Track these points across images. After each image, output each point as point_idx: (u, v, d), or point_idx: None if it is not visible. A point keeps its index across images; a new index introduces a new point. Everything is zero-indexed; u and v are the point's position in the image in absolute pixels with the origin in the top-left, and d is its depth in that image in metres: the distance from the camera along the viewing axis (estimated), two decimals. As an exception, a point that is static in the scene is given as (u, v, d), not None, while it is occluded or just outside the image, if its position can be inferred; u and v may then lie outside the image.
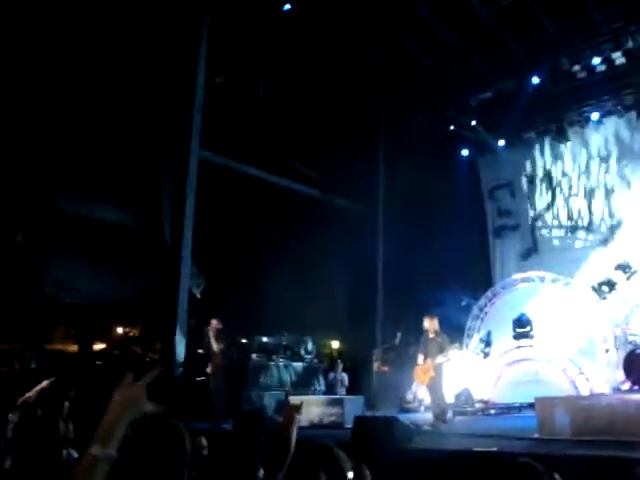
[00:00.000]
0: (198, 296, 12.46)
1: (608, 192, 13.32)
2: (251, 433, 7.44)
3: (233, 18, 11.84)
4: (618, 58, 12.29)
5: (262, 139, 13.12)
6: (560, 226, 13.82)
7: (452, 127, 14.30)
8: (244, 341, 12.88)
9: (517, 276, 13.44)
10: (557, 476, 3.30)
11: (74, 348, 16.39)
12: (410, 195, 14.42)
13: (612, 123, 13.35)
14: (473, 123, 14.04)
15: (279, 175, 13.69)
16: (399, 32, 12.25)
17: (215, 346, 9.99)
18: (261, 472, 3.05)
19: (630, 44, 11.93)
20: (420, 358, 9.67)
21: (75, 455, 3.55)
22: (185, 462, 2.21)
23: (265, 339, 12.54)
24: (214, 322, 10.10)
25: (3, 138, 10.90)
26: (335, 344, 15.70)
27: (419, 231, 14.12)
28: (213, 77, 12.05)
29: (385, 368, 12.72)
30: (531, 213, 14.22)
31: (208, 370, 9.95)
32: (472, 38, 12.31)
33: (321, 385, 12.90)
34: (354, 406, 10.28)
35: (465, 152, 14.71)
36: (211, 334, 10.03)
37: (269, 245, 13.67)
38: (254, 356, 12.03)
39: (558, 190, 13.96)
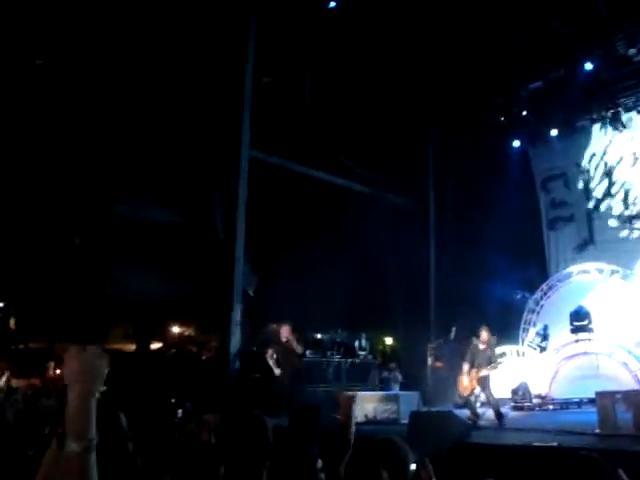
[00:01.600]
0: (251, 294, 12.63)
1: (668, 180, 12.91)
2: (307, 428, 7.52)
3: (278, 17, 11.94)
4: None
5: (311, 137, 13.20)
6: (617, 216, 13.43)
7: (502, 118, 14.07)
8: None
9: (573, 268, 13.16)
10: (621, 471, 3.23)
11: (132, 347, 16.87)
12: (461, 189, 14.29)
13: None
14: (524, 113, 13.79)
15: (329, 172, 13.75)
16: (447, 22, 12.12)
17: (298, 348, 10.49)
18: (319, 463, 3.09)
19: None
20: (466, 367, 9.66)
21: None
22: (267, 451, 2.31)
23: (319, 335, 12.64)
24: (285, 328, 10.44)
25: (67, 144, 11.31)
26: (389, 340, 15.68)
27: (471, 225, 13.96)
28: (261, 77, 12.19)
29: (440, 363, 12.65)
30: (586, 203, 13.87)
31: (277, 371, 10.21)
32: (521, 26, 12.07)
33: (375, 381, 12.91)
34: (409, 402, 10.28)
35: (517, 143, 14.46)
36: (290, 338, 10.32)
37: (321, 242, 13.75)
38: (308, 353, 12.13)
39: (614, 179, 13.57)
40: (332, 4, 11.88)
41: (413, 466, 3.43)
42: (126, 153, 11.99)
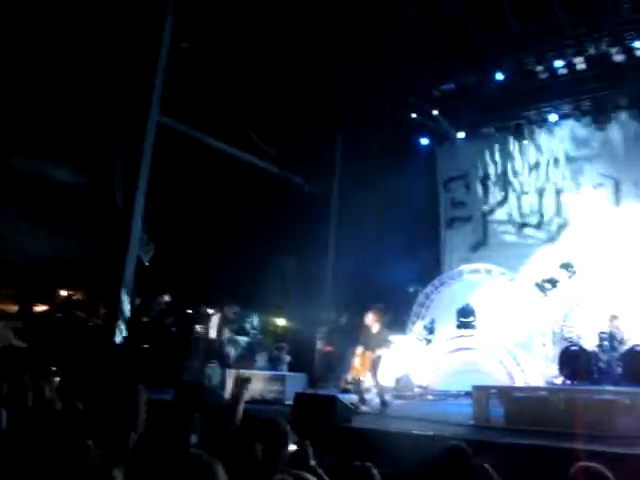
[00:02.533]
0: (146, 263, 12.29)
1: (558, 192, 13.66)
2: (189, 403, 7.44)
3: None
4: (579, 63, 12.59)
5: (223, 110, 12.94)
6: (510, 222, 14.12)
7: (414, 115, 14.37)
8: (189, 312, 12.80)
9: (465, 267, 13.72)
10: (488, 466, 3.42)
11: (14, 309, 15.98)
12: (366, 179, 14.49)
13: (568, 126, 13.68)
14: (435, 113, 14.15)
15: (238, 147, 13.55)
16: (369, 15, 12.19)
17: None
18: (193, 438, 3.05)
19: (592, 51, 12.22)
20: (359, 350, 9.92)
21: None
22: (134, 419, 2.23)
23: (211, 311, 12.49)
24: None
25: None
26: (281, 321, 15.73)
27: (373, 215, 14.22)
28: (179, 41, 11.79)
29: (329, 348, 12.85)
30: (484, 207, 14.48)
31: None
32: (441, 28, 12.35)
33: (264, 361, 12.94)
34: (296, 383, 10.38)
35: (425, 141, 14.83)
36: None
37: (222, 217, 13.56)
38: (198, 327, 11.97)
39: (511, 186, 14.24)
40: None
41: (293, 446, 3.46)
42: (28, 108, 11.26)
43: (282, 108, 13.68)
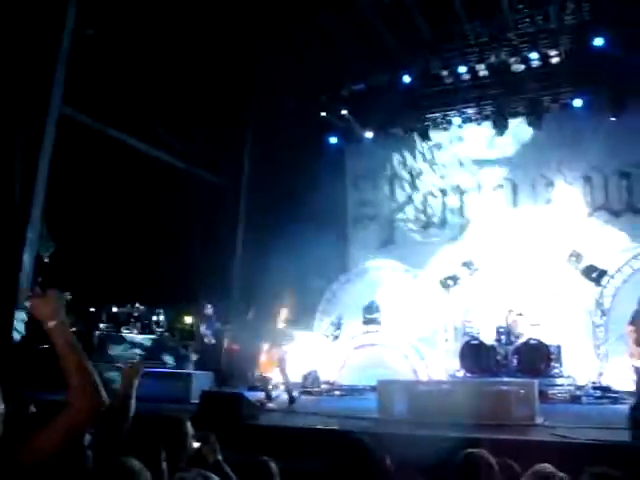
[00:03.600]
0: (46, 260, 11.77)
1: (461, 193, 14.19)
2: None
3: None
4: (481, 70, 13.10)
5: (131, 102, 12.56)
6: (416, 221, 14.53)
7: (323, 113, 14.50)
8: (92, 310, 12.40)
9: (371, 264, 14.02)
10: (388, 458, 3.52)
11: None
12: (276, 176, 14.49)
13: (471, 130, 14.21)
14: (344, 112, 14.33)
15: (143, 141, 13.17)
16: (279, 12, 12.17)
17: None
18: (87, 438, 2.95)
19: (492, 59, 12.76)
20: (266, 346, 10.04)
21: None
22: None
23: (115, 309, 12.15)
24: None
25: None
26: (189, 318, 15.50)
27: (281, 211, 14.25)
28: (83, 28, 11.30)
29: (236, 345, 12.78)
30: (390, 205, 14.81)
31: None
32: (350, 28, 12.50)
33: (171, 359, 12.71)
34: (202, 381, 10.27)
35: (334, 139, 14.98)
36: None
37: (127, 212, 13.19)
38: (102, 326, 11.61)
39: (417, 186, 14.65)
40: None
41: (197, 444, 3.43)
42: None
43: (191, 101, 13.43)
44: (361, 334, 12.97)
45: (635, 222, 12.70)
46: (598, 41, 11.72)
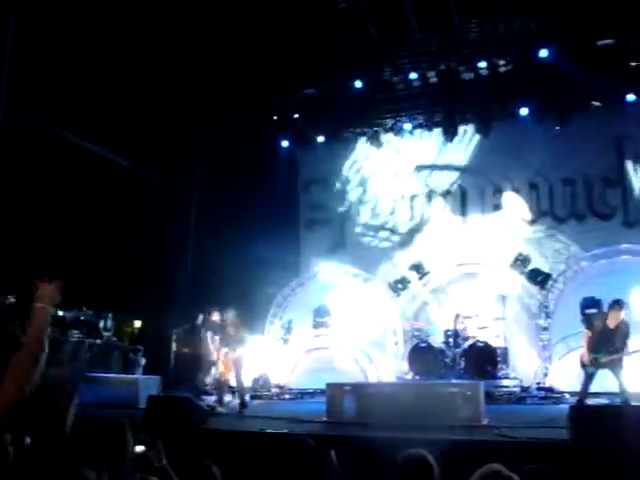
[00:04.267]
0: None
1: (412, 198, 14.37)
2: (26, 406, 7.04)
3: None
4: (432, 77, 13.33)
5: (76, 100, 12.28)
6: (367, 225, 14.64)
7: (275, 117, 14.50)
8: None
9: (322, 268, 14.08)
10: (333, 452, 3.57)
11: None
12: (228, 179, 14.40)
13: (422, 135, 14.41)
14: (296, 116, 14.36)
15: (90, 141, 12.89)
16: (233, 14, 12.11)
17: None
18: (27, 440, 2.88)
19: (442, 67, 12.99)
20: (218, 351, 10.12)
21: None
22: None
23: (61, 312, 11.86)
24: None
25: None
26: (137, 323, 15.26)
27: (234, 216, 14.18)
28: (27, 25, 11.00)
29: (185, 349, 12.65)
30: (342, 210, 14.90)
31: None
32: (302, 33, 12.53)
33: (118, 364, 12.50)
34: (149, 386, 10.16)
35: (285, 143, 14.96)
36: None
37: (73, 212, 12.89)
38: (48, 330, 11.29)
39: (367, 190, 14.78)
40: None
41: (141, 448, 3.39)
42: None
43: (141, 102, 13.23)
44: (311, 338, 13.01)
45: (578, 228, 13.11)
46: (543, 52, 12.07)
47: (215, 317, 10.58)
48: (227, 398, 10.51)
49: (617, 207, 12.87)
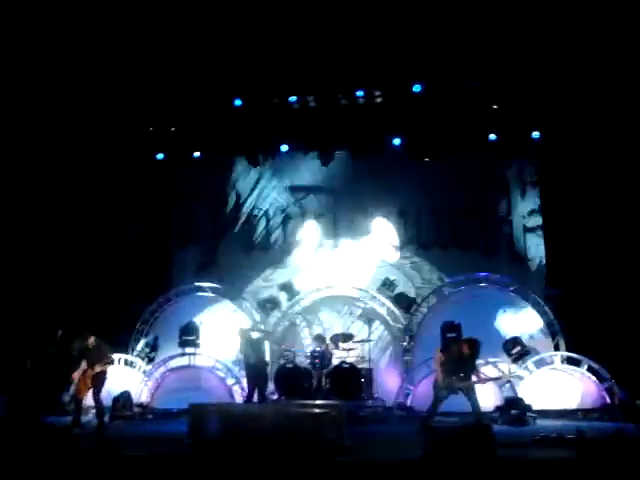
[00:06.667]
0: None
1: (286, 218, 14.47)
2: None
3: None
4: (311, 101, 13.61)
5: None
6: (240, 243, 14.54)
7: (151, 129, 14.12)
8: None
9: (191, 286, 13.79)
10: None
11: None
12: (100, 192, 13.82)
13: (299, 157, 14.55)
14: (172, 129, 14.09)
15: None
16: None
17: None
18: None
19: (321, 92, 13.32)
20: (80, 369, 9.66)
21: None
22: None
23: None
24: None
25: None
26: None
27: (103, 228, 13.65)
28: None
29: (43, 366, 11.88)
30: (215, 226, 14.70)
31: None
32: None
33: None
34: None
35: (160, 156, 14.53)
36: None
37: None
38: None
39: (244, 209, 14.70)
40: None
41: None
42: None
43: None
44: (177, 356, 12.68)
45: (442, 255, 13.81)
46: (416, 87, 12.72)
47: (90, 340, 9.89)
48: (86, 418, 10.01)
49: (477, 237, 13.69)
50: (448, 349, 8.94)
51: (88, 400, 10.03)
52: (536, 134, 13.12)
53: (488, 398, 10.33)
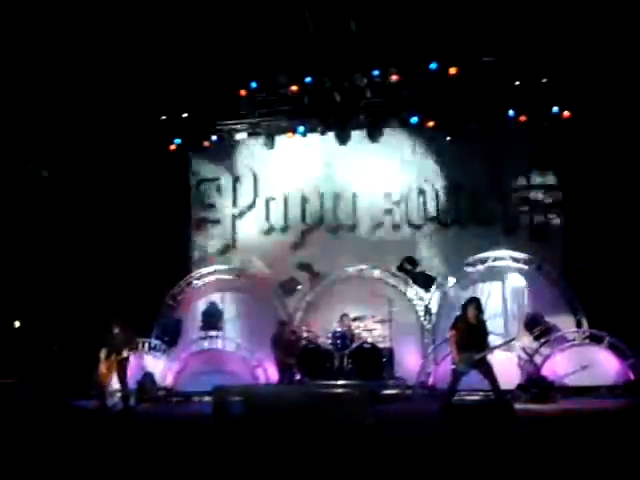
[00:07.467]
0: None
1: (303, 199, 14.45)
2: None
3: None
4: (327, 82, 13.53)
5: None
6: (258, 225, 14.56)
7: (164, 117, 14.13)
8: None
9: (211, 269, 13.89)
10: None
11: None
12: (119, 177, 13.93)
13: (315, 139, 14.46)
14: (185, 115, 14.09)
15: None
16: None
17: None
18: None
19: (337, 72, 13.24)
20: (102, 354, 9.77)
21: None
22: None
23: None
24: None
25: None
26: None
27: (121, 213, 13.76)
28: None
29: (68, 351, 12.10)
30: (233, 210, 14.74)
31: None
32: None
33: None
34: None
35: (177, 141, 14.55)
36: None
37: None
38: None
39: (260, 192, 14.69)
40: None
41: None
42: None
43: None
44: (200, 339, 12.81)
45: (461, 233, 13.72)
46: (433, 65, 12.58)
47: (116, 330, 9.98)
48: (111, 401, 10.17)
49: (497, 215, 13.58)
50: (457, 324, 8.85)
51: (112, 384, 10.18)
52: (555, 109, 12.91)
53: (510, 376, 10.33)
